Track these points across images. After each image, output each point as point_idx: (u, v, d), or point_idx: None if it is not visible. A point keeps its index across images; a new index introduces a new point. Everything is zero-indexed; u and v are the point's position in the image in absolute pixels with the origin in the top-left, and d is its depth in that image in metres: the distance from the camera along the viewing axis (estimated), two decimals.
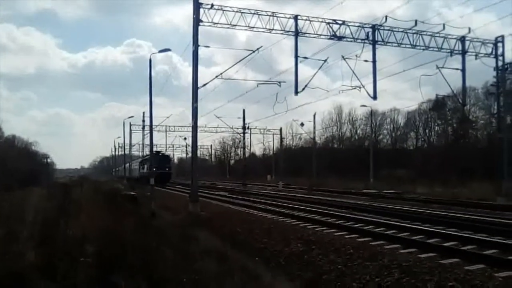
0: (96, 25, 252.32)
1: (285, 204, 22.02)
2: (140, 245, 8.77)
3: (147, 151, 56.25)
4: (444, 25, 24.84)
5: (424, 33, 25.11)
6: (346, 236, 11.89)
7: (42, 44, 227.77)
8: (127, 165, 71.90)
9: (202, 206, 19.17)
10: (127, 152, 73.54)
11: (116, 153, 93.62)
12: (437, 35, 25.12)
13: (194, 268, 7.67)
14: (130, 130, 63.43)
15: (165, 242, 10.11)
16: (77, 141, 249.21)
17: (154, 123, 33.91)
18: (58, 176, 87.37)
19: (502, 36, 26.47)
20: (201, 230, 13.47)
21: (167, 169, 54.05)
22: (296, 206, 20.53)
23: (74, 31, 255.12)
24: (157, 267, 7.45)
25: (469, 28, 25.16)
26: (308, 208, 19.52)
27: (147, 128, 43.24)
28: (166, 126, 61.66)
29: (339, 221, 15.20)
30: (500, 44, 26.39)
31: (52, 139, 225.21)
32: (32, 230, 10.87)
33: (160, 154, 57.30)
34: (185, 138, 62.91)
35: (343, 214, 17.05)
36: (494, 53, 26.43)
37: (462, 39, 25.61)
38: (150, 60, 29.70)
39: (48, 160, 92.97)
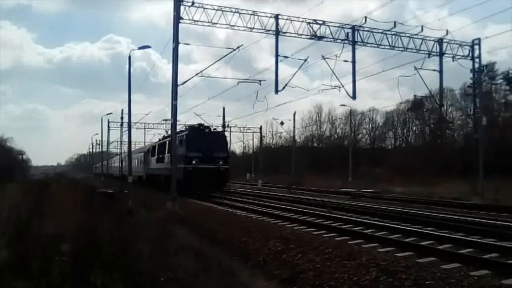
0: (74, 20, 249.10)
1: (264, 203, 22.02)
2: (116, 243, 8.64)
3: (125, 148, 52.60)
4: (422, 27, 25.16)
5: (403, 34, 25.42)
6: (325, 235, 11.93)
7: (18, 39, 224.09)
8: (114, 159, 62.38)
9: (181, 204, 19.05)
10: (104, 149, 72.66)
11: (94, 150, 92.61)
12: (416, 37, 25.42)
13: (171, 265, 7.59)
14: (108, 127, 62.76)
15: (142, 239, 9.99)
16: (53, 137, 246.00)
17: (132, 120, 33.61)
18: (33, 173, 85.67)
19: (479, 39, 26.92)
20: (179, 228, 13.36)
21: (220, 162, 27.79)
22: (275, 205, 20.54)
23: (51, 25, 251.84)
24: (134, 264, 7.34)
25: (447, 31, 25.57)
26: (287, 207, 19.54)
27: (125, 125, 42.67)
28: (145, 123, 61.02)
29: (318, 220, 15.25)
30: (476, 47, 26.80)
31: (28, 135, 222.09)
32: (5, 227, 10.62)
33: (207, 129, 30.24)
34: (164, 136, 61.89)
35: (322, 213, 17.10)
36: (471, 55, 26.83)
37: (440, 41, 25.96)
38: (130, 57, 29.51)
39: (24, 157, 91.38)
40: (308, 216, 16.63)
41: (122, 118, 47.16)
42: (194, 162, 26.28)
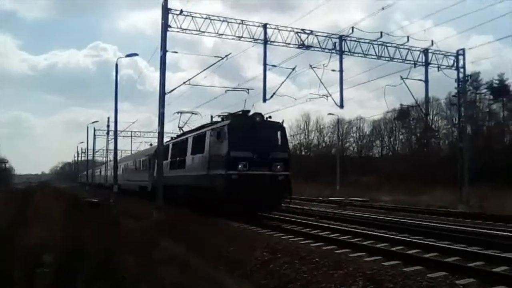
0: (60, 27, 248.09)
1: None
2: (101, 253, 8.53)
3: (111, 157, 50.96)
4: (408, 37, 25.47)
5: (389, 44, 25.72)
6: (312, 244, 11.89)
7: (1, 45, 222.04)
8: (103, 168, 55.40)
9: (168, 213, 18.88)
10: (90, 158, 72.00)
11: (79, 158, 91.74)
12: (402, 47, 25.74)
13: (156, 276, 7.50)
14: (94, 135, 62.37)
15: (127, 249, 9.87)
16: (37, 145, 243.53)
17: (119, 128, 33.34)
18: (16, 182, 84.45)
19: (463, 49, 27.35)
20: (165, 237, 13.23)
21: (278, 166, 18.17)
22: (261, 214, 20.43)
23: (36, 32, 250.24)
24: (118, 275, 7.24)
25: (432, 41, 25.91)
26: (273, 216, 19.47)
27: (112, 133, 42.31)
28: (131, 131, 60.69)
29: (305, 229, 15.21)
30: (461, 57, 27.19)
31: (12, 143, 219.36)
32: None
33: (257, 117, 18.96)
34: (151, 144, 59.99)
35: (309, 222, 17.07)
36: (455, 65, 27.19)
37: (425, 52, 26.30)
38: (117, 65, 29.35)
39: (6, 165, 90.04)
40: (295, 225, 16.60)
41: (108, 126, 46.97)
42: (241, 166, 17.08)
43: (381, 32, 25.14)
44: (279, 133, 18.93)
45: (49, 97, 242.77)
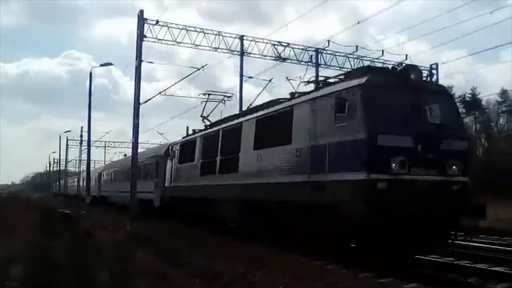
0: (32, 34, 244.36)
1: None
2: (72, 266, 8.26)
3: (84, 167, 49.22)
4: (383, 51, 25.92)
5: (365, 58, 26.10)
6: (293, 256, 11.70)
7: None
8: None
9: (142, 224, 18.53)
10: (62, 168, 70.61)
11: (52, 168, 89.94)
12: (377, 60, 26.14)
13: None
14: (67, 145, 61.33)
15: (100, 262, 9.61)
16: (8, 155, 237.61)
17: (92, 138, 32.75)
18: None
19: (436, 64, 27.93)
20: (140, 249, 12.95)
21: (454, 166, 9.57)
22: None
23: (8, 40, 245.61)
24: None
25: (406, 55, 26.40)
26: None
27: (85, 143, 41.57)
28: (105, 141, 59.82)
29: (284, 239, 15.02)
30: (434, 71, 27.76)
31: None
32: None
33: (412, 74, 10.08)
34: (125, 155, 58.77)
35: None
36: (429, 79, 27.70)
37: (400, 65, 26.69)
38: (91, 74, 28.99)
39: None
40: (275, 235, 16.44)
41: (81, 136, 46.22)
42: (395, 165, 9.13)
43: (357, 46, 25.65)
44: (450, 105, 10.83)
45: (21, 105, 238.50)
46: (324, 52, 25.67)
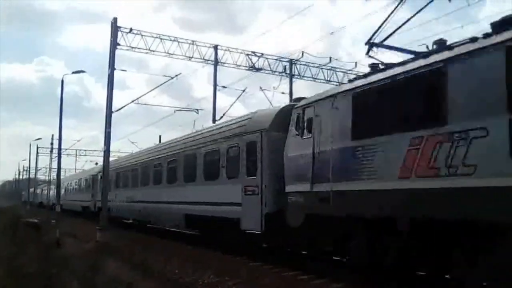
0: (3, 40, 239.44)
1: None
2: (41, 276, 8.14)
3: (54, 175, 48.41)
4: (356, 63, 26.33)
5: (338, 69, 26.51)
6: (264, 267, 11.70)
7: None
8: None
9: (113, 234, 18.32)
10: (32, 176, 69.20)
11: (21, 176, 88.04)
12: (350, 72, 26.50)
13: None
14: (37, 152, 60.15)
15: (68, 272, 9.49)
16: None
17: (63, 146, 32.23)
18: None
19: None
20: (109, 259, 12.82)
21: None
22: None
23: None
24: None
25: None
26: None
27: (56, 151, 40.80)
28: (76, 149, 58.95)
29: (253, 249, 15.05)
30: None
31: None
32: None
33: None
34: (96, 163, 57.34)
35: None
36: None
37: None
38: (62, 82, 28.56)
39: None
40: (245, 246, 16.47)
41: (52, 143, 45.42)
42: None
43: (330, 57, 26.01)
44: None
45: None
46: (298, 63, 25.98)
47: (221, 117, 23.34)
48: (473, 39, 7.15)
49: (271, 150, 11.77)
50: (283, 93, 25.35)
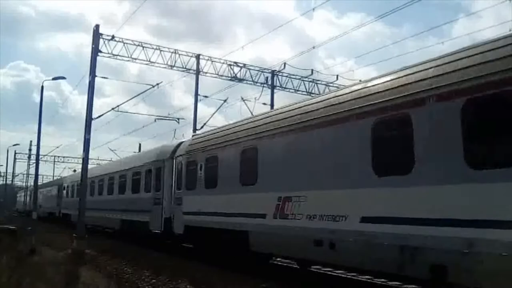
0: None
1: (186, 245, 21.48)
2: (13, 286, 8.06)
3: (31, 181, 48.76)
4: (337, 76, 26.63)
5: (319, 82, 26.78)
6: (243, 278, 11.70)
7: None
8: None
9: (89, 243, 18.13)
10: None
11: None
12: (331, 85, 26.80)
13: None
14: (15, 159, 59.38)
15: (43, 281, 9.39)
16: None
17: (41, 152, 31.91)
18: None
19: None
20: (85, 268, 12.71)
21: None
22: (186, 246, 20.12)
23: None
24: None
25: (360, 80, 27.23)
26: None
27: (34, 157, 40.35)
28: (54, 156, 58.31)
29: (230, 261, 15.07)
30: None
31: None
32: None
33: None
34: (74, 170, 55.71)
35: None
36: None
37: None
38: (42, 88, 28.39)
39: None
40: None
41: (30, 149, 44.87)
42: None
43: (312, 70, 26.28)
44: None
45: None
46: (280, 74, 26.18)
47: (202, 127, 23.36)
48: None
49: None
50: (264, 103, 25.48)
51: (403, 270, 7.16)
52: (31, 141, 45.17)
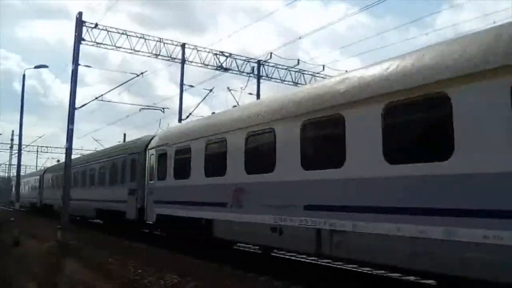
0: None
1: (159, 233, 21.39)
2: None
3: (14, 172, 48.33)
4: (323, 66, 26.64)
5: (306, 72, 26.75)
6: (227, 268, 11.72)
7: None
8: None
9: (74, 234, 17.95)
10: None
11: None
12: (318, 75, 26.82)
13: None
14: None
15: (27, 273, 9.26)
16: None
17: (24, 142, 31.45)
18: None
19: None
20: (70, 260, 12.55)
21: None
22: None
23: None
24: None
25: (346, 71, 27.28)
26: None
27: (16, 147, 39.76)
28: (37, 146, 57.58)
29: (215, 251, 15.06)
30: None
31: None
32: None
33: None
34: (58, 161, 55.61)
35: None
36: None
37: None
38: (24, 76, 28.02)
39: None
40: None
41: (12, 139, 44.22)
42: None
43: (298, 60, 26.25)
44: None
45: None
46: (266, 64, 26.07)
47: (187, 117, 23.21)
48: None
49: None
50: (250, 93, 25.41)
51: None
52: (13, 131, 44.43)
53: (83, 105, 20.79)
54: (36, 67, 30.14)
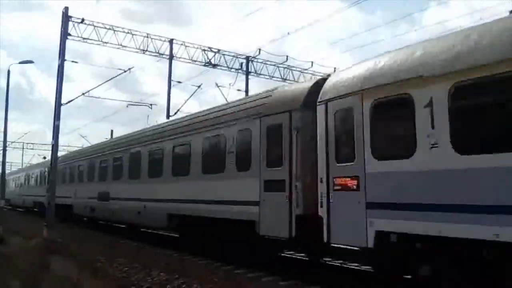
0: None
1: (149, 231, 21.24)
2: None
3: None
4: (312, 63, 26.64)
5: (294, 68, 26.73)
6: (215, 265, 11.63)
7: None
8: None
9: (60, 231, 17.73)
10: None
11: None
12: (306, 71, 26.84)
13: None
14: None
15: (12, 271, 9.08)
16: None
17: (9, 139, 30.99)
18: None
19: None
20: (57, 257, 12.37)
21: None
22: (161, 233, 19.90)
23: None
24: None
25: (335, 68, 27.26)
26: (172, 235, 19.02)
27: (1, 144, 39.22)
28: (23, 143, 56.91)
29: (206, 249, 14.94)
30: None
31: None
32: None
33: None
34: (44, 157, 48.59)
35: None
36: None
37: (329, 76, 27.69)
38: (9, 72, 27.37)
39: None
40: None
41: None
42: None
43: (287, 56, 26.22)
44: None
45: None
46: (255, 60, 26.00)
47: (176, 113, 23.04)
48: None
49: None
50: (239, 90, 25.35)
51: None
52: None
53: (70, 101, 20.49)
54: (21, 62, 29.72)
